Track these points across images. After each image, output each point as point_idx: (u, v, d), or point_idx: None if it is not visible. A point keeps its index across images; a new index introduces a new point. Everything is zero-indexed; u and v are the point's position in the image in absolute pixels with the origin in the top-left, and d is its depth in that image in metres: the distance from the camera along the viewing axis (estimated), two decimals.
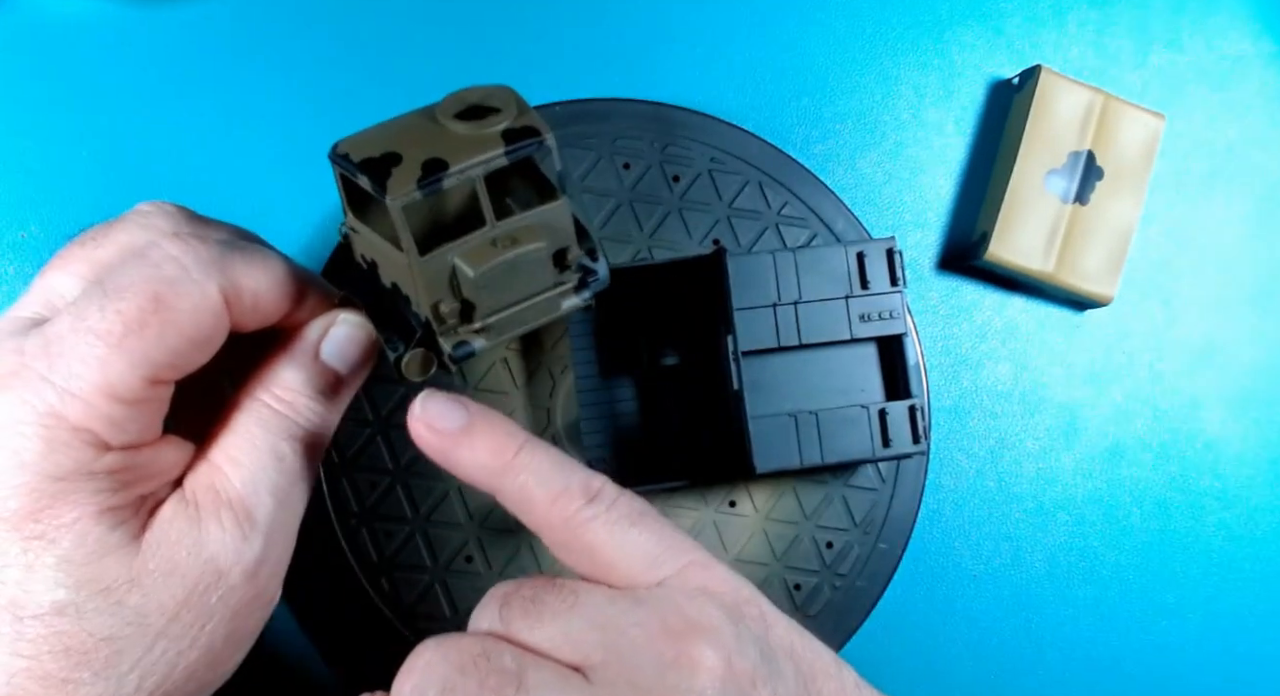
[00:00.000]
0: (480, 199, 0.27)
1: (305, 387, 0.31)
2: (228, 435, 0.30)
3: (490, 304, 0.29)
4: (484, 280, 0.28)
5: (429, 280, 0.28)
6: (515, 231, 0.28)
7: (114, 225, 0.31)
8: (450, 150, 0.27)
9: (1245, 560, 0.47)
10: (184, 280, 0.28)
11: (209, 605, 0.29)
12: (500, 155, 0.27)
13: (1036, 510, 0.46)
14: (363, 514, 0.41)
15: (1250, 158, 0.48)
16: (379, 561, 0.41)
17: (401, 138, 0.28)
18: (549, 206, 0.29)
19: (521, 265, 0.28)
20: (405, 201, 0.26)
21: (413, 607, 0.41)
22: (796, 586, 0.42)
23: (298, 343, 0.31)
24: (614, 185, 0.43)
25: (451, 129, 0.27)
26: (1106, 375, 0.47)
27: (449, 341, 0.29)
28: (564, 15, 0.45)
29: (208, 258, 0.29)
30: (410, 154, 0.27)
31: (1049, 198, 0.44)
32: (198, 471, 0.30)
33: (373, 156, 0.27)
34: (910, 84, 0.47)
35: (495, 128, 0.27)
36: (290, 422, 0.31)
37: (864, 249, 0.39)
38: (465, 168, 0.27)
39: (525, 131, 0.28)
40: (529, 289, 0.29)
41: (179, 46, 0.44)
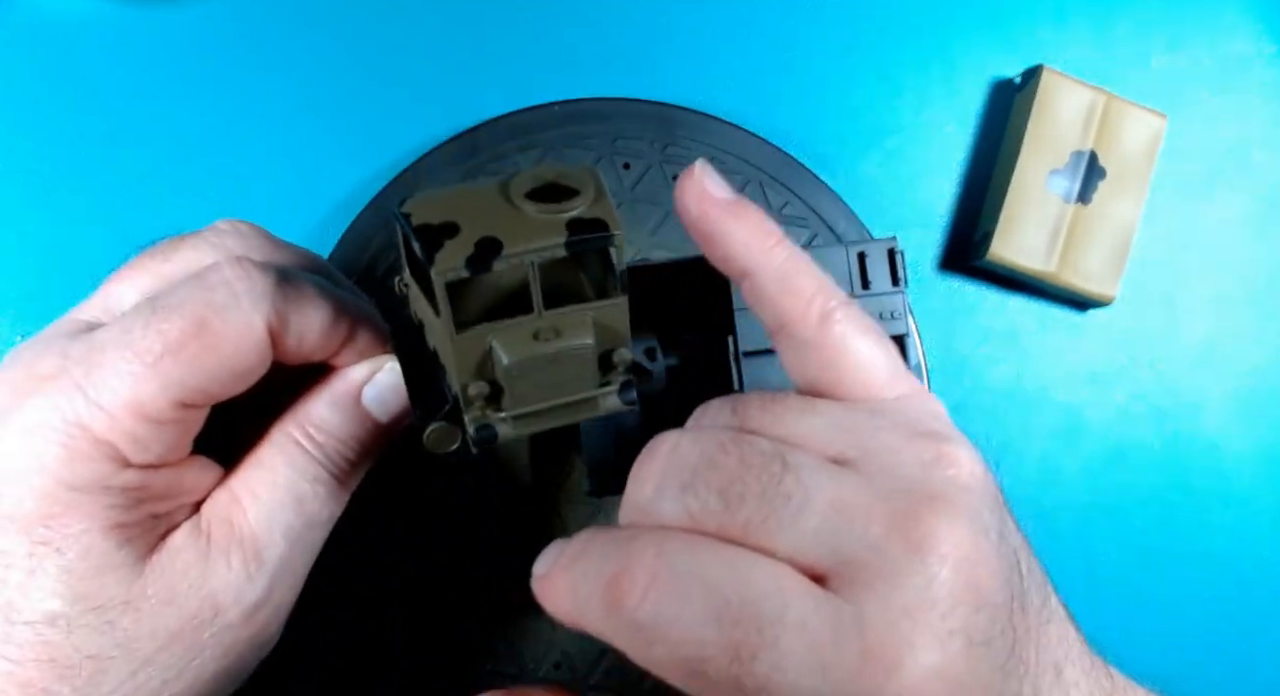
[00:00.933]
0: (531, 286, 0.26)
1: (340, 430, 0.30)
2: (253, 467, 0.30)
3: (523, 394, 0.27)
4: (519, 370, 0.26)
5: (462, 356, 0.26)
6: (563, 323, 0.27)
7: (186, 240, 0.31)
8: (510, 230, 0.25)
9: (1248, 560, 0.47)
10: (232, 308, 0.28)
11: (201, 640, 0.28)
12: (560, 245, 0.25)
13: (1038, 511, 0.46)
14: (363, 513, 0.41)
15: (1252, 158, 0.48)
16: (378, 561, 0.41)
17: (467, 208, 0.26)
18: (604, 303, 0.27)
19: (562, 361, 0.27)
20: (450, 277, 0.25)
21: (412, 612, 0.41)
22: None
23: (340, 382, 0.31)
24: (614, 185, 0.43)
25: (521, 207, 0.26)
26: (1108, 375, 0.47)
27: (473, 423, 0.28)
28: (564, 15, 0.45)
29: (261, 288, 0.28)
30: (469, 227, 0.25)
31: (1051, 197, 0.44)
32: (216, 500, 0.29)
33: (431, 223, 0.26)
34: (912, 84, 0.47)
35: (565, 214, 0.26)
36: (315, 464, 0.30)
37: (865, 249, 0.39)
38: (519, 252, 0.25)
39: (593, 224, 0.26)
40: (567, 387, 0.28)
41: (179, 46, 0.44)
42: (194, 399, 0.28)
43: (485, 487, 0.42)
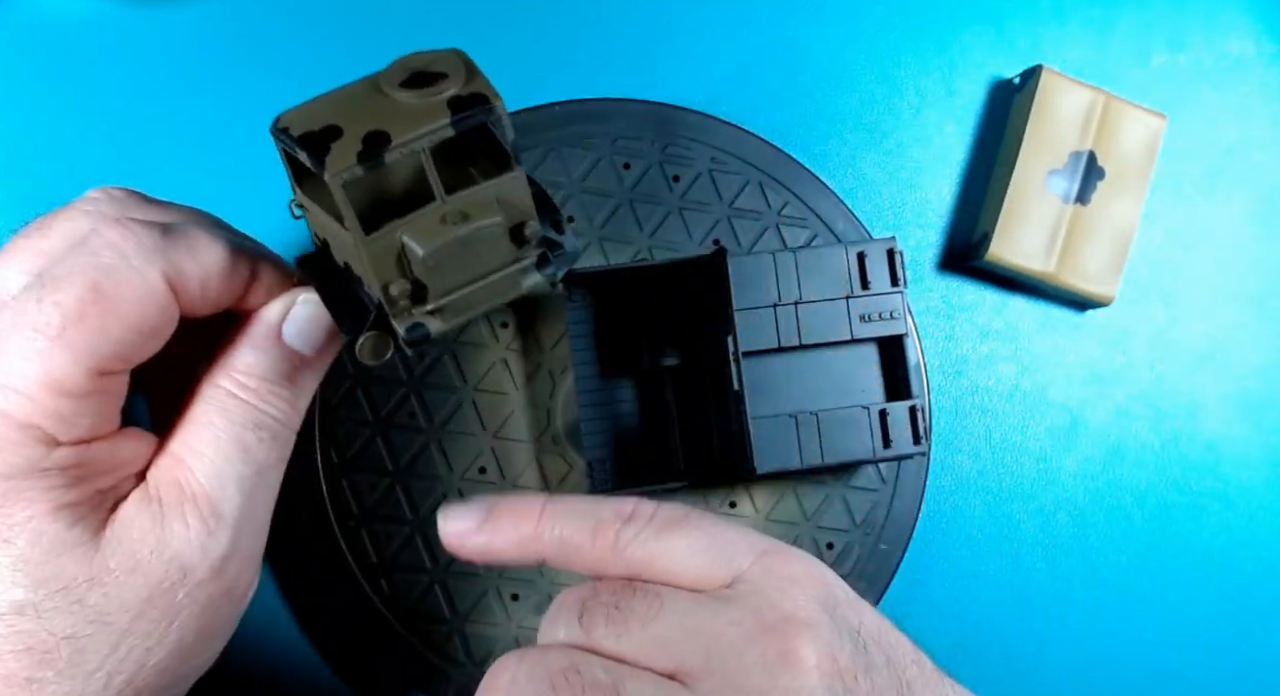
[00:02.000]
0: (428, 173, 0.26)
1: (268, 372, 0.30)
2: (190, 426, 0.29)
3: (444, 283, 0.27)
4: (435, 259, 0.26)
5: (377, 260, 0.26)
6: (468, 206, 0.27)
7: (59, 213, 0.30)
8: (394, 121, 0.25)
9: (1246, 561, 0.47)
10: (123, 268, 0.27)
11: (176, 602, 0.28)
12: (446, 126, 0.25)
13: (1037, 511, 0.46)
14: (362, 515, 0.41)
15: (1252, 158, 0.48)
16: (378, 562, 0.41)
17: (344, 109, 0.26)
18: (502, 178, 0.27)
19: (475, 242, 0.27)
20: (345, 177, 0.25)
21: (412, 608, 0.41)
22: None
23: (257, 325, 0.30)
24: (614, 185, 0.43)
25: (396, 98, 0.26)
26: (1107, 376, 0.47)
27: (402, 323, 0.27)
28: (564, 15, 0.45)
29: (149, 243, 0.28)
30: (352, 127, 0.25)
31: (1050, 198, 0.44)
32: (160, 465, 0.29)
33: (313, 130, 0.26)
34: (911, 84, 0.47)
35: (442, 95, 0.26)
36: (254, 410, 0.29)
37: (864, 249, 0.39)
38: (408, 140, 0.25)
39: (473, 99, 0.26)
40: (485, 267, 0.28)
41: (179, 46, 0.44)
42: (109, 365, 0.27)
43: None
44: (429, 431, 0.42)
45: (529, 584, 0.42)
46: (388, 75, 0.26)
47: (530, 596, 0.42)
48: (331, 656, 0.42)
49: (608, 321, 0.42)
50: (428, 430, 0.42)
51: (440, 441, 0.42)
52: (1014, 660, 0.45)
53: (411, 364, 0.42)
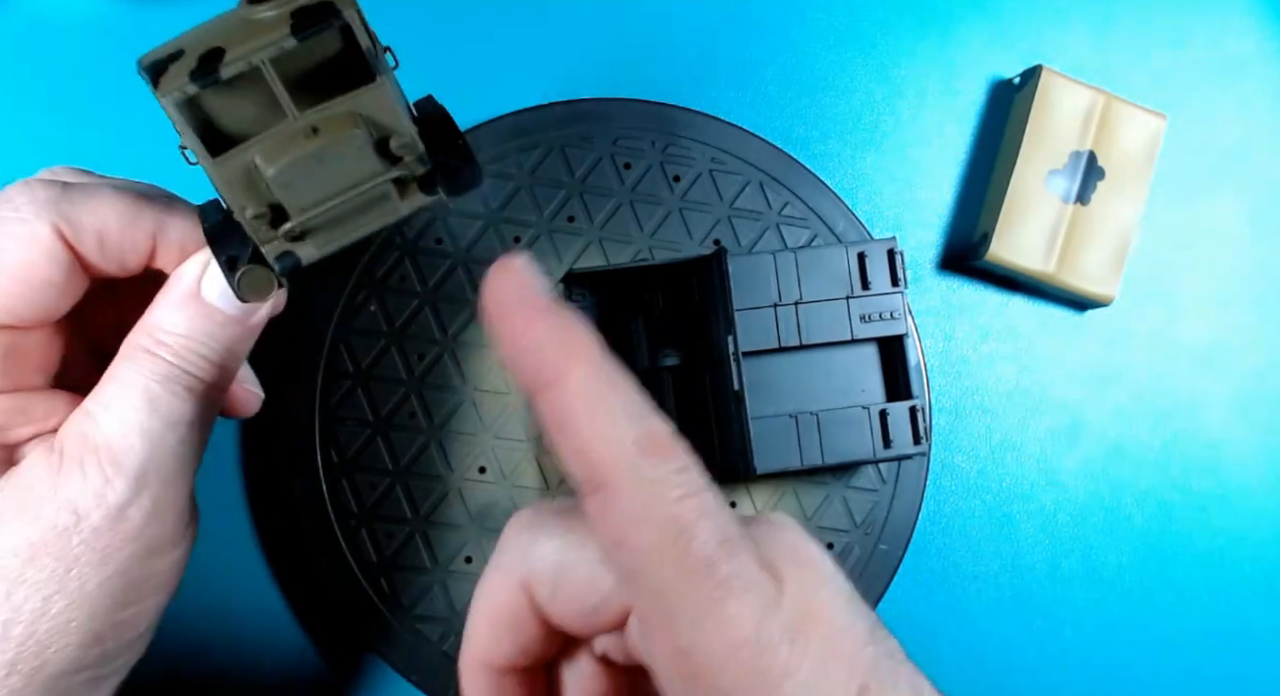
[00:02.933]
0: (274, 88, 0.25)
1: (185, 328, 0.29)
2: (104, 382, 0.29)
3: (302, 203, 0.26)
4: (285, 176, 0.25)
5: (230, 184, 0.26)
6: (323, 122, 0.25)
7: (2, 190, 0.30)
8: (234, 38, 0.24)
9: (1246, 561, 0.47)
10: (12, 221, 0.27)
11: (71, 548, 0.27)
12: (286, 36, 0.24)
13: (1038, 511, 0.46)
14: (362, 514, 0.41)
15: (1252, 158, 0.48)
16: (379, 562, 0.41)
17: (198, 36, 0.25)
18: (359, 92, 0.25)
19: (331, 157, 0.25)
20: (177, 96, 0.24)
21: (412, 608, 0.41)
22: None
23: (175, 282, 0.29)
24: (614, 185, 0.43)
25: (248, 17, 0.25)
26: (1108, 376, 0.47)
27: (271, 253, 0.27)
28: (564, 15, 0.45)
29: (43, 197, 0.27)
30: (193, 49, 0.24)
31: (1050, 198, 0.44)
32: (71, 420, 0.29)
33: (159, 58, 0.25)
34: (911, 84, 0.47)
35: (289, 7, 0.24)
36: (166, 365, 0.29)
37: (865, 249, 0.39)
38: (243, 53, 0.24)
39: (320, 9, 0.24)
40: (347, 182, 0.26)
41: None
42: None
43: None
44: (429, 431, 0.42)
45: None
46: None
47: None
48: (332, 655, 0.42)
49: (608, 321, 0.42)
50: (428, 430, 0.42)
51: (440, 441, 0.42)
52: (1014, 660, 0.45)
53: (412, 365, 0.42)
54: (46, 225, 0.27)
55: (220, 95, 0.25)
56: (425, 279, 0.42)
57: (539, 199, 0.43)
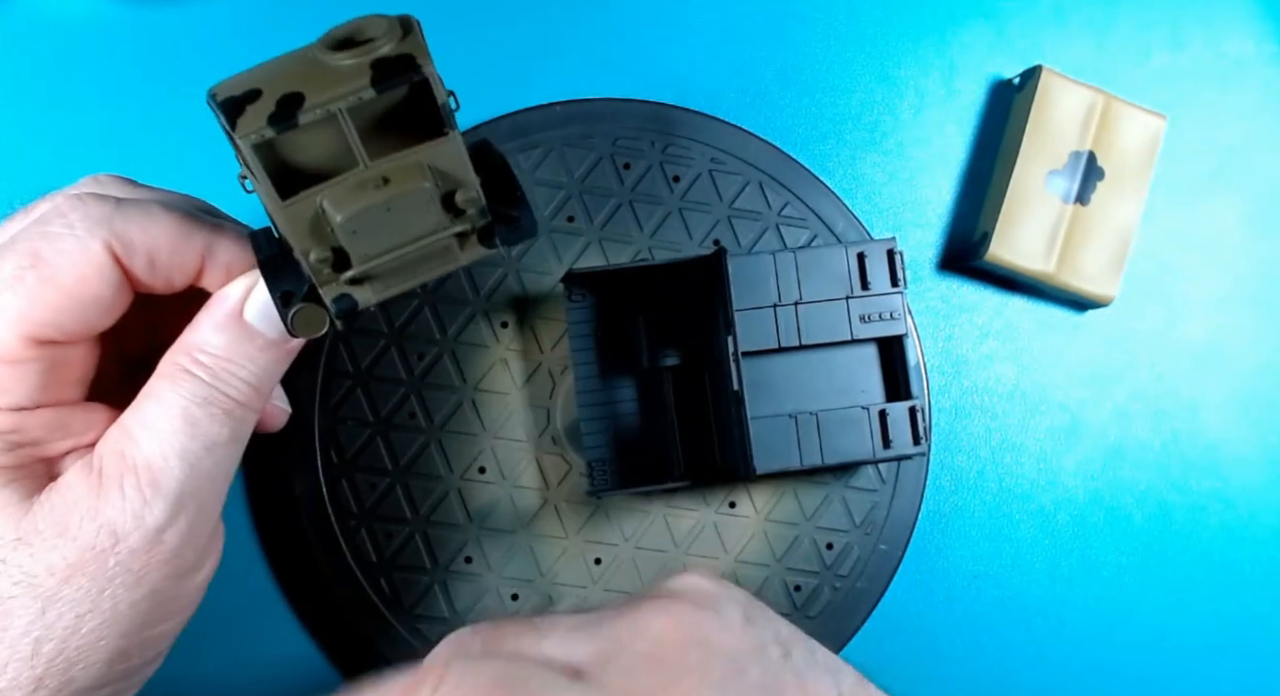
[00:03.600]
0: (348, 136, 0.25)
1: (226, 350, 0.29)
2: (142, 399, 0.29)
3: (366, 251, 0.26)
4: (353, 224, 0.25)
5: (296, 227, 0.26)
6: (393, 172, 0.26)
7: (47, 196, 0.30)
8: (313, 83, 0.24)
9: (1246, 561, 0.47)
10: (65, 236, 0.27)
11: (106, 569, 0.27)
12: (365, 87, 0.24)
13: (1037, 511, 0.46)
14: (362, 514, 0.41)
15: (1252, 158, 0.48)
16: (379, 562, 0.41)
17: (273, 75, 0.25)
18: (433, 143, 0.26)
19: (400, 208, 0.26)
20: (254, 139, 0.24)
21: (413, 608, 0.41)
22: (796, 587, 0.42)
23: (218, 303, 0.30)
24: (614, 185, 0.43)
25: (326, 62, 0.25)
26: (1107, 376, 0.47)
27: (329, 294, 0.27)
28: (564, 15, 0.45)
29: (96, 214, 0.27)
30: (272, 90, 0.25)
31: (1050, 198, 0.44)
32: (109, 437, 0.29)
33: (234, 95, 0.25)
34: (911, 84, 0.47)
35: (369, 57, 0.25)
36: (206, 387, 0.29)
37: (864, 249, 0.39)
38: (323, 101, 0.24)
39: (400, 61, 0.25)
40: (413, 234, 0.27)
41: (179, 46, 0.44)
42: (43, 333, 0.27)
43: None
44: (429, 431, 0.42)
45: (529, 584, 0.42)
46: (321, 41, 0.26)
47: (530, 596, 0.42)
48: (332, 655, 0.42)
49: (608, 321, 0.42)
50: (428, 430, 0.42)
51: (440, 441, 0.42)
52: (1014, 660, 0.45)
53: (412, 365, 0.42)
54: (99, 242, 0.27)
55: (292, 137, 0.25)
56: None
57: (539, 199, 0.43)
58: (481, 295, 0.42)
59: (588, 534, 0.42)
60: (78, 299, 0.27)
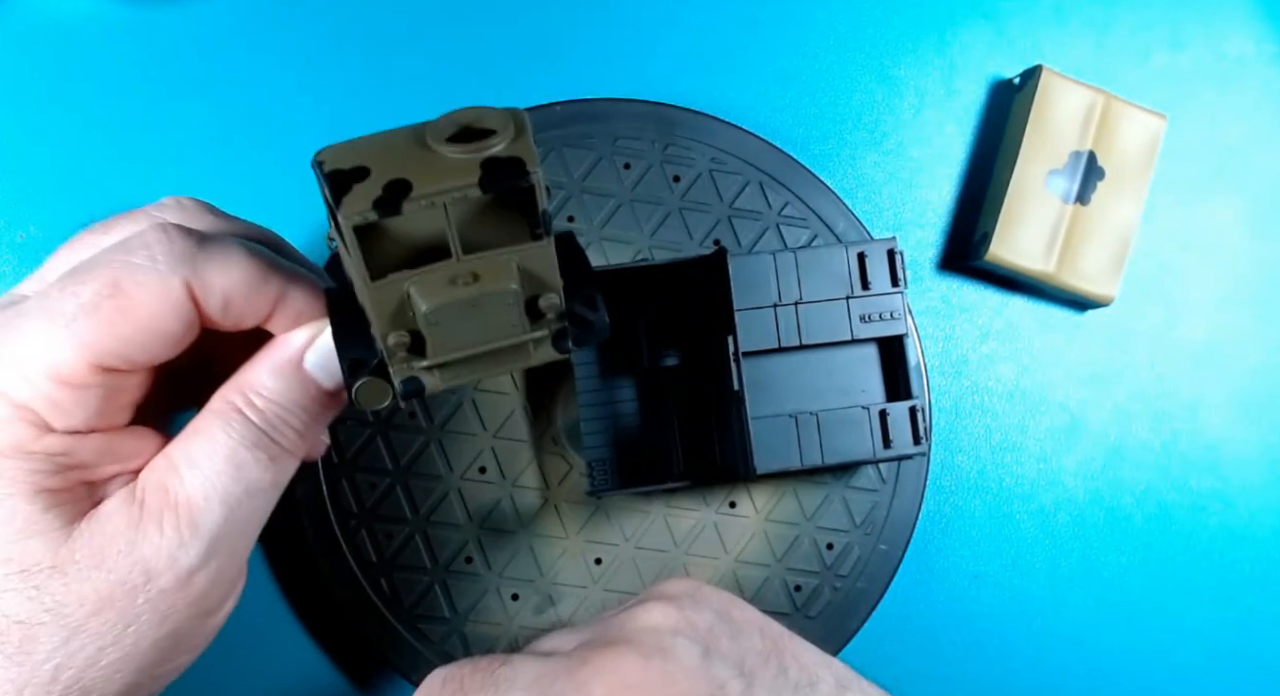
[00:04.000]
0: (447, 230, 0.25)
1: (281, 396, 0.29)
2: (191, 434, 0.29)
3: (445, 343, 0.27)
4: (436, 317, 0.26)
5: (380, 306, 0.26)
6: (483, 268, 0.26)
7: (128, 214, 0.30)
8: (422, 172, 0.25)
9: (1246, 561, 0.47)
10: (148, 270, 0.27)
11: (135, 606, 0.28)
12: (473, 186, 0.25)
13: (1037, 511, 0.46)
14: (362, 514, 0.41)
15: (1252, 158, 0.48)
16: (379, 562, 0.41)
17: (382, 153, 0.25)
18: (526, 246, 0.26)
19: (483, 306, 0.26)
20: (357, 221, 0.24)
21: (413, 608, 0.41)
22: (797, 587, 0.42)
23: (280, 348, 0.30)
24: (614, 185, 0.43)
25: (437, 150, 0.25)
26: (1108, 376, 0.47)
27: (399, 375, 0.27)
28: (564, 15, 0.45)
29: (180, 250, 0.27)
30: (381, 171, 0.25)
31: (1050, 198, 0.44)
32: (154, 467, 0.29)
33: (343, 168, 0.25)
34: (911, 84, 0.47)
35: (480, 154, 0.25)
36: (256, 431, 0.29)
37: (865, 249, 0.39)
38: (430, 193, 0.24)
39: (510, 163, 0.25)
40: (492, 333, 0.27)
41: (179, 46, 0.44)
42: (111, 362, 0.27)
43: None
44: (429, 431, 0.42)
45: (529, 583, 0.42)
46: (436, 126, 0.26)
47: (530, 596, 0.42)
48: (332, 655, 0.42)
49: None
50: (428, 430, 0.42)
51: (440, 441, 0.42)
52: (1014, 660, 0.45)
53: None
54: (179, 280, 0.27)
55: (391, 222, 0.25)
56: None
57: None
58: None
59: (588, 534, 0.42)
60: (150, 333, 0.27)
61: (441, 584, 0.41)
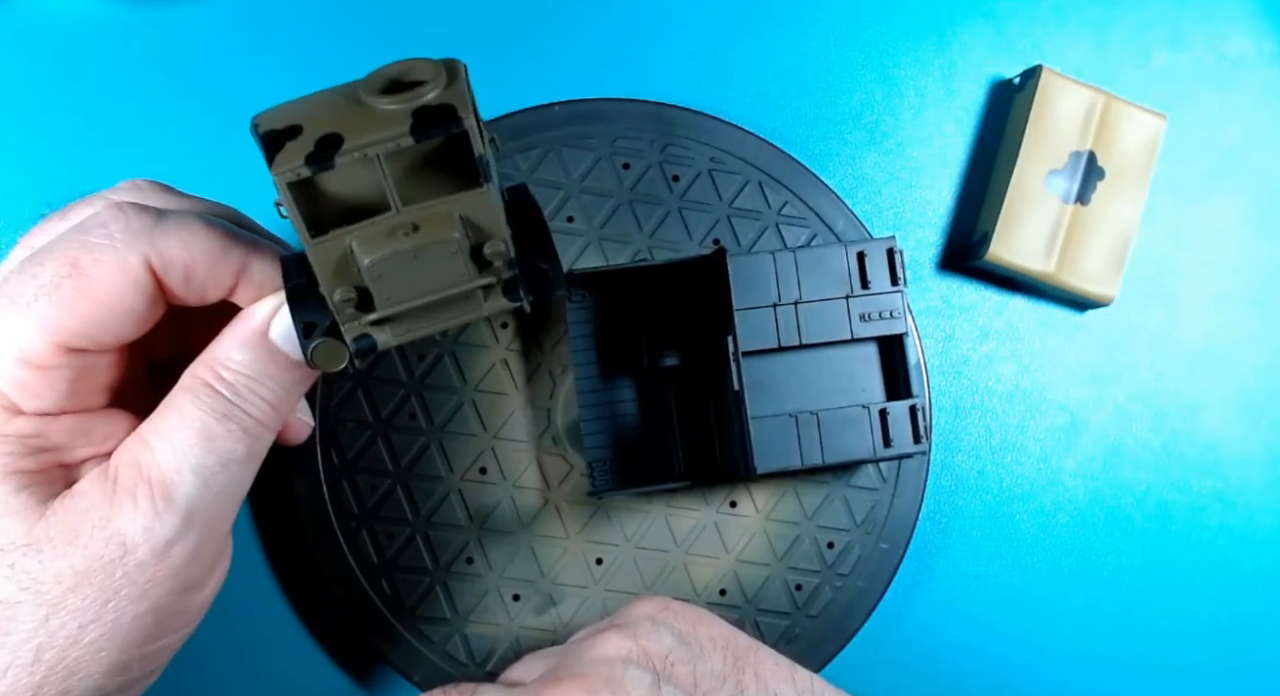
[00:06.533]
0: (384, 180, 0.25)
1: (248, 367, 0.29)
2: (163, 411, 0.29)
3: (391, 295, 0.27)
4: (379, 269, 0.26)
5: (324, 264, 0.26)
6: (424, 219, 0.26)
7: (86, 199, 0.30)
8: (354, 126, 0.25)
9: (1246, 561, 0.47)
10: (105, 247, 0.27)
11: (113, 580, 0.27)
12: (404, 135, 0.25)
13: (1038, 511, 0.46)
14: (363, 515, 0.41)
15: (1252, 158, 0.48)
16: (380, 563, 0.41)
17: (315, 111, 0.26)
18: (465, 195, 0.26)
19: (426, 257, 0.26)
20: (290, 177, 0.24)
21: (414, 609, 0.41)
22: (798, 587, 0.42)
23: (245, 320, 0.30)
24: (614, 185, 0.43)
25: (369, 104, 0.25)
26: (1108, 376, 0.47)
27: (350, 333, 0.27)
28: (564, 15, 0.45)
29: (137, 226, 0.27)
30: (312, 128, 0.25)
31: (1050, 198, 0.44)
32: (126, 446, 0.29)
33: (277, 129, 0.25)
34: (911, 83, 0.47)
35: (410, 104, 0.25)
36: (225, 402, 0.29)
37: (864, 248, 0.39)
38: (360, 145, 0.24)
39: (442, 111, 0.25)
40: (439, 283, 0.27)
41: (179, 46, 0.44)
42: (75, 342, 0.27)
43: None
44: (429, 432, 0.42)
45: (530, 584, 0.42)
46: (368, 81, 0.26)
47: (531, 597, 0.42)
48: (333, 655, 0.42)
49: (608, 321, 0.42)
50: (428, 431, 0.42)
51: (441, 442, 0.42)
52: (1014, 660, 0.45)
53: (412, 366, 0.42)
54: (138, 256, 0.27)
55: (327, 176, 0.25)
56: None
57: (539, 199, 0.43)
58: None
59: (589, 534, 0.42)
60: (112, 311, 0.27)
61: (442, 584, 0.41)
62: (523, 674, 0.35)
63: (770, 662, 0.35)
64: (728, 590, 0.42)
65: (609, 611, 0.40)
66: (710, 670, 0.33)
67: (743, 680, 0.33)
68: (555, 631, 0.41)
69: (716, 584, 0.42)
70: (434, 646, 0.41)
